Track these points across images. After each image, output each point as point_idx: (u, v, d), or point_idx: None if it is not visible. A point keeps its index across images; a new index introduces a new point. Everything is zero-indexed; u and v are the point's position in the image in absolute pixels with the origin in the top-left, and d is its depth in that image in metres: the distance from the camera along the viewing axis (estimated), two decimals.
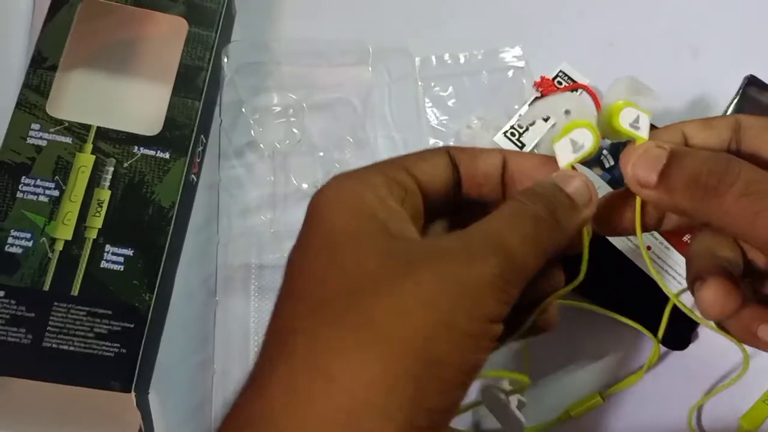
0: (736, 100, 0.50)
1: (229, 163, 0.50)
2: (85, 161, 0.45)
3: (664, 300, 0.39)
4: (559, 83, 0.52)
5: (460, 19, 0.56)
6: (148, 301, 0.43)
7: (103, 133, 0.45)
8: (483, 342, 0.25)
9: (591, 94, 0.52)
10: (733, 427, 0.47)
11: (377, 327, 0.24)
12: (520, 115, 0.51)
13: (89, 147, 0.45)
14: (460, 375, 0.25)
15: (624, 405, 0.47)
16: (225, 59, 0.51)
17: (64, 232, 0.43)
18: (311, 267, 0.26)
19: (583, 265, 0.31)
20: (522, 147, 0.49)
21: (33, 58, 0.47)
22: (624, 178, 0.31)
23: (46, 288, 0.42)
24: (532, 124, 0.49)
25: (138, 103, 0.50)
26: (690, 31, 0.56)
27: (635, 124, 0.31)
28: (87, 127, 0.45)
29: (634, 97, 0.32)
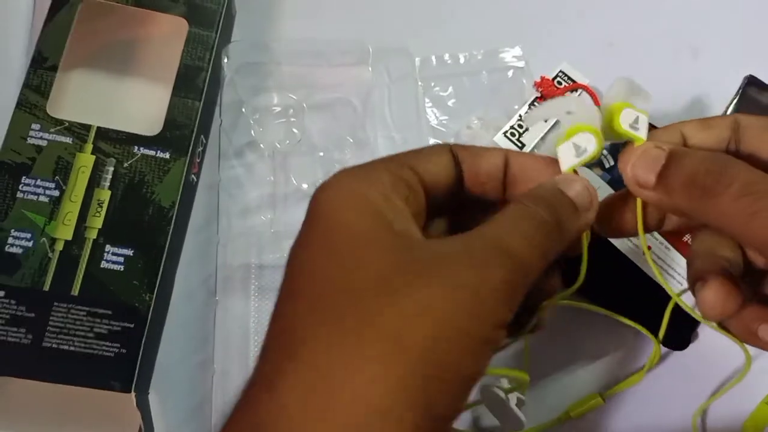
0: (735, 100, 0.50)
1: (229, 163, 0.50)
2: (85, 161, 0.45)
3: (664, 300, 0.39)
4: (559, 83, 0.52)
5: (460, 19, 0.56)
6: (148, 301, 0.43)
7: (103, 133, 0.45)
8: (488, 347, 0.25)
9: (591, 94, 0.52)
10: (736, 430, 0.47)
11: (388, 334, 0.24)
12: (520, 115, 0.51)
13: (89, 147, 0.45)
14: (466, 381, 0.25)
15: (624, 406, 0.47)
16: (225, 59, 0.51)
17: (65, 232, 0.43)
18: (315, 266, 0.26)
19: (582, 268, 0.32)
20: (522, 147, 0.49)
21: (33, 58, 0.47)
22: (623, 179, 0.31)
23: (46, 288, 0.42)
24: (539, 124, 0.49)
25: (138, 103, 0.50)
26: (690, 31, 0.56)
27: (635, 125, 0.31)
28: (87, 127, 0.45)
29: (630, 98, 0.32)
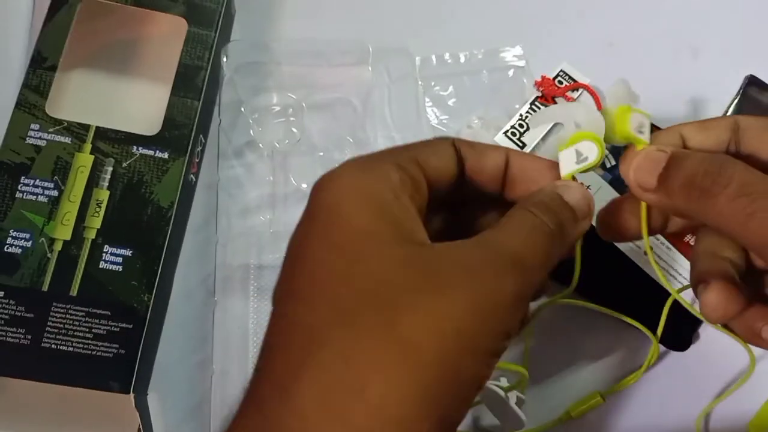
0: (736, 101, 0.50)
1: (228, 162, 0.50)
2: (84, 161, 0.45)
3: (664, 299, 0.39)
4: (560, 83, 0.52)
5: (461, 19, 0.56)
6: (146, 301, 0.42)
7: (102, 133, 0.45)
8: (496, 357, 0.26)
9: (592, 93, 0.52)
10: (741, 431, 0.47)
11: (406, 343, 0.24)
12: (521, 115, 0.50)
13: (88, 147, 0.45)
14: (474, 390, 0.25)
15: (625, 405, 0.47)
16: (224, 59, 0.51)
17: (63, 232, 0.43)
18: (321, 262, 0.26)
19: (576, 268, 0.32)
20: (523, 147, 0.49)
21: (32, 58, 0.47)
22: (627, 182, 0.32)
23: (45, 288, 0.42)
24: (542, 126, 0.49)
25: (137, 103, 0.50)
26: (690, 31, 0.56)
27: (640, 128, 0.31)
28: (86, 127, 0.45)
29: (628, 101, 0.32)
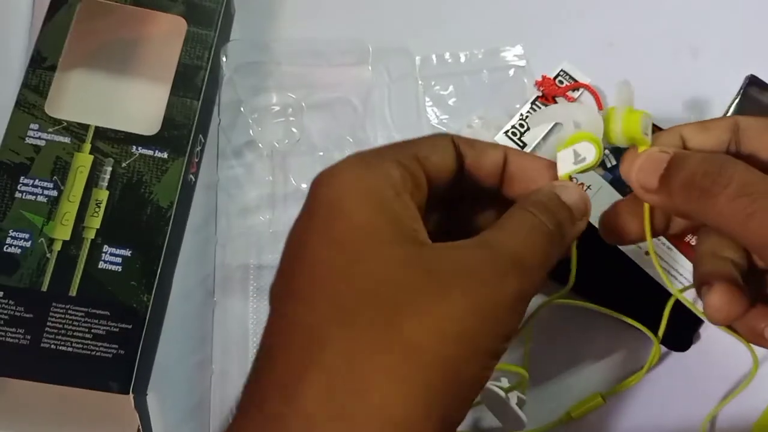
0: (737, 101, 0.50)
1: (227, 162, 0.50)
2: (83, 161, 0.45)
3: (665, 300, 0.39)
4: (560, 82, 0.51)
5: (461, 19, 0.56)
6: (146, 301, 0.42)
7: (101, 133, 0.45)
8: (497, 358, 0.26)
9: (592, 93, 0.52)
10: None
11: (410, 345, 0.24)
12: (522, 115, 0.50)
13: (87, 147, 0.45)
14: (475, 390, 0.26)
15: (626, 406, 0.47)
16: (224, 58, 0.50)
17: (63, 232, 0.43)
18: (321, 261, 0.26)
19: (572, 272, 0.32)
20: (523, 146, 0.49)
21: (32, 57, 0.46)
22: (629, 183, 0.32)
23: (45, 288, 0.42)
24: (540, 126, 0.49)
25: (136, 103, 0.49)
26: (690, 31, 0.56)
27: (646, 130, 0.31)
28: (85, 127, 0.45)
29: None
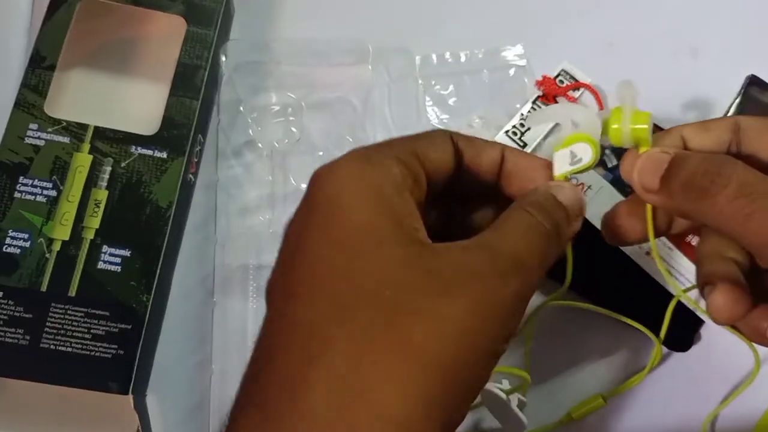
0: (737, 101, 0.50)
1: (227, 162, 0.50)
2: (82, 161, 0.44)
3: (666, 300, 0.39)
4: (561, 82, 0.51)
5: (461, 19, 0.56)
6: (145, 302, 0.42)
7: (100, 133, 0.45)
8: (497, 359, 0.26)
9: (593, 92, 0.52)
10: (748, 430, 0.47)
11: (412, 347, 0.24)
12: (522, 114, 0.50)
13: (87, 147, 0.45)
14: (475, 392, 0.26)
15: (627, 407, 0.47)
16: (223, 58, 0.50)
17: (62, 232, 0.43)
18: (330, 261, 0.26)
19: (568, 272, 0.32)
20: (524, 146, 0.49)
21: (31, 57, 0.46)
22: (626, 182, 0.32)
23: (44, 289, 0.42)
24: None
25: (136, 103, 0.49)
26: (690, 31, 0.56)
27: (650, 131, 0.31)
28: (84, 127, 0.45)
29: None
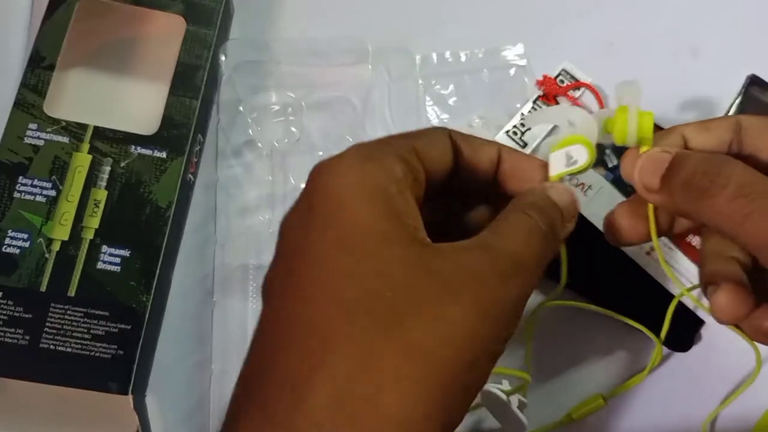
0: (738, 101, 0.50)
1: (226, 162, 0.50)
2: (81, 161, 0.44)
3: (666, 300, 0.39)
4: (561, 82, 0.51)
5: (461, 18, 0.56)
6: (145, 302, 0.42)
7: (100, 133, 0.45)
8: (496, 360, 0.26)
9: (594, 92, 0.52)
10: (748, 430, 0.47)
11: (416, 348, 0.24)
12: (522, 114, 0.50)
13: (86, 147, 0.45)
14: (475, 393, 0.26)
15: (627, 407, 0.47)
16: (223, 57, 0.50)
17: (61, 232, 0.43)
18: (332, 261, 0.26)
19: (563, 272, 0.33)
20: (524, 146, 0.49)
21: (31, 57, 0.46)
22: (627, 181, 0.32)
23: (43, 289, 0.42)
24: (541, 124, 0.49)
25: (135, 102, 0.49)
26: (690, 31, 0.56)
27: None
28: (84, 127, 0.45)
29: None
